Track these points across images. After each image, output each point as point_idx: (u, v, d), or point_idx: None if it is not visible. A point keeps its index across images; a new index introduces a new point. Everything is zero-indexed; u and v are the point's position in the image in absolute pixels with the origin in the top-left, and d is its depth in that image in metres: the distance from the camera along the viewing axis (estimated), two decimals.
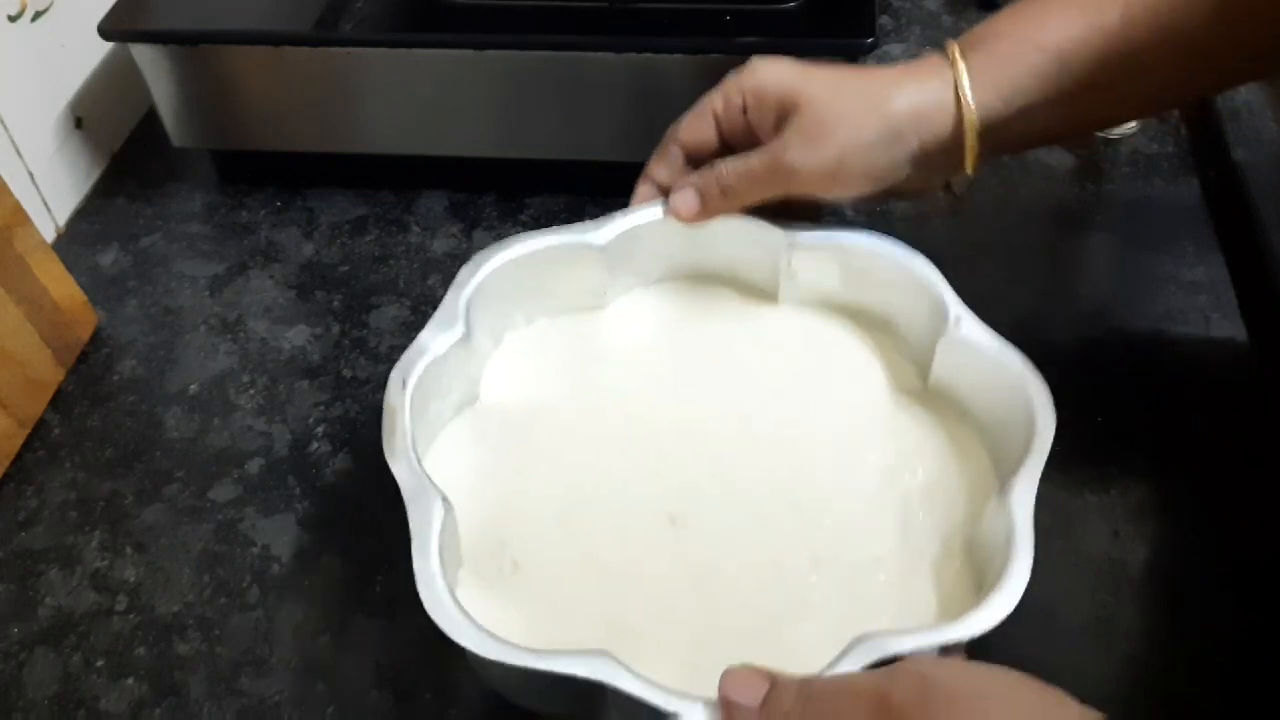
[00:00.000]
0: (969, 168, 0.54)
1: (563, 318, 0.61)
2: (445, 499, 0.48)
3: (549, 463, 0.56)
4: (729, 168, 0.55)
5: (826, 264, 0.59)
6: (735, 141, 0.57)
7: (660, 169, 0.58)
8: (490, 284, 0.57)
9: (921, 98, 0.52)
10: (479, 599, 0.49)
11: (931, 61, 0.53)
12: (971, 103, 0.52)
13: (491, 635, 0.44)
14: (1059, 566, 0.54)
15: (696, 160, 0.58)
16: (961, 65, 0.52)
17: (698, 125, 0.57)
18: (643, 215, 0.59)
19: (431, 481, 0.49)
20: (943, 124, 0.52)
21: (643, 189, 0.59)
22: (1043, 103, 0.52)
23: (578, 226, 0.59)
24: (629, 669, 0.43)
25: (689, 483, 0.54)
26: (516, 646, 0.44)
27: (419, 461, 0.50)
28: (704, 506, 0.54)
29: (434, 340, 0.54)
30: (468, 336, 0.55)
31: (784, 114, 0.53)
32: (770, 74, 0.54)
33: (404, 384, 0.52)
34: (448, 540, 0.48)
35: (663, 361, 0.60)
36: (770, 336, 0.61)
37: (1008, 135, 0.53)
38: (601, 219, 0.59)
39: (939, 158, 0.53)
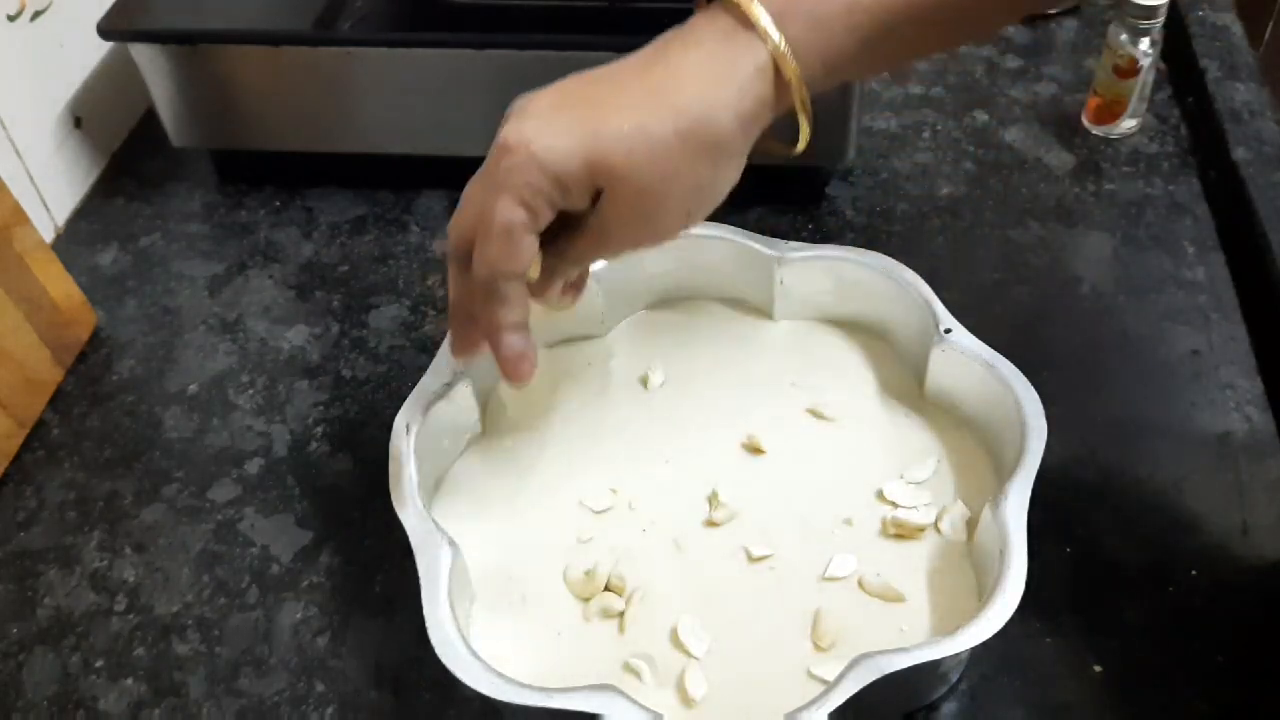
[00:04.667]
0: (801, 144, 0.48)
1: (564, 347, 0.62)
2: (452, 542, 0.49)
3: (555, 492, 0.56)
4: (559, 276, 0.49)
5: (818, 278, 0.60)
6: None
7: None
8: None
9: (741, 104, 0.44)
10: (492, 634, 0.50)
11: (734, 39, 0.44)
12: (804, 87, 0.45)
13: (501, 676, 0.44)
14: (1058, 566, 0.54)
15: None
16: (784, 48, 0.44)
17: (521, 249, 0.46)
18: None
19: (439, 526, 0.49)
20: (765, 116, 0.45)
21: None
22: (865, 59, 0.46)
23: None
24: (633, 701, 0.44)
25: (693, 505, 0.55)
26: (524, 686, 0.44)
27: (426, 506, 0.50)
28: (708, 530, 0.54)
29: (436, 384, 0.54)
30: (470, 377, 0.56)
31: (595, 191, 0.45)
32: (558, 159, 0.44)
33: (408, 429, 0.52)
34: (457, 582, 0.48)
35: (664, 384, 0.60)
36: (768, 353, 0.61)
37: (826, 90, 0.46)
38: None
39: (764, 140, 0.47)
